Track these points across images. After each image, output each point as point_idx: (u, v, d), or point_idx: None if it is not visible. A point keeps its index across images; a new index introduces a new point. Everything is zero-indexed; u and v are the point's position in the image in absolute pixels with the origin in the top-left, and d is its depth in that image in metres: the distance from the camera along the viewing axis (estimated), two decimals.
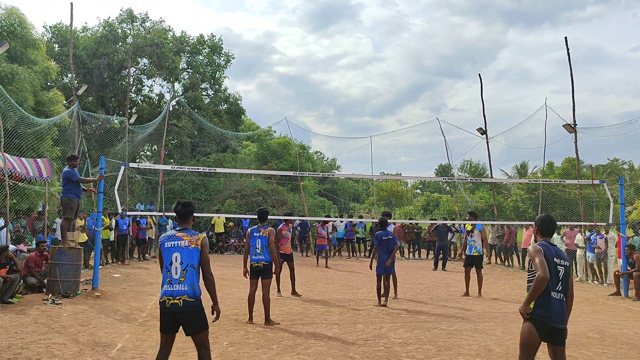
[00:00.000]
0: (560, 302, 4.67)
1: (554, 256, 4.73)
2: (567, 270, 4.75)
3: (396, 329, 8.47)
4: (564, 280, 4.72)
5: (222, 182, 28.82)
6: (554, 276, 4.66)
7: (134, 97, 34.26)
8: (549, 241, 4.88)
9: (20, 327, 7.85)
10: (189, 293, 4.77)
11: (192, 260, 4.83)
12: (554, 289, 4.64)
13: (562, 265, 4.74)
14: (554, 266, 4.69)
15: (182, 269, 4.80)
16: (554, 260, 4.70)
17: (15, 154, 13.90)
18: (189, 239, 4.90)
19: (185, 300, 4.75)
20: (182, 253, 4.84)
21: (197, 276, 4.85)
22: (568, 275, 4.75)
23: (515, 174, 41.38)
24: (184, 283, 4.78)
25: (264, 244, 8.77)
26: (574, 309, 10.75)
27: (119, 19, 33.23)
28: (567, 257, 4.86)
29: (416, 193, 52.00)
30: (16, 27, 17.89)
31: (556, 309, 4.62)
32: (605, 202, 19.02)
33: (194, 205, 5.21)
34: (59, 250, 10.92)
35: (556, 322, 4.63)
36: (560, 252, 4.82)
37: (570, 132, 18.37)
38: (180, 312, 4.76)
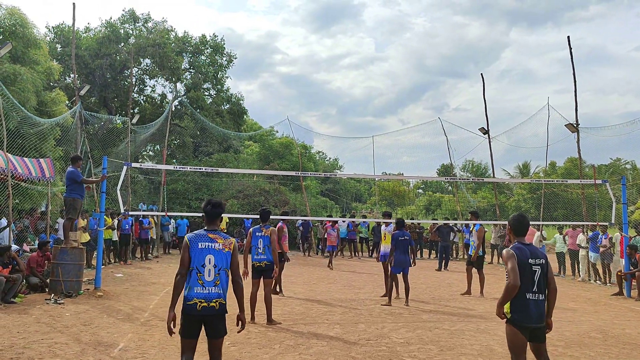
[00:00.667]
0: (537, 302, 4.65)
1: (529, 257, 4.69)
2: (543, 268, 4.71)
3: (398, 329, 8.47)
4: (541, 279, 4.68)
5: (225, 182, 28.86)
6: (529, 278, 4.64)
7: (137, 97, 34.29)
8: (523, 241, 4.83)
9: (22, 327, 7.86)
10: (223, 297, 4.74)
11: (225, 264, 4.75)
12: (529, 291, 4.64)
13: (538, 264, 4.69)
14: (529, 268, 4.65)
15: (216, 272, 4.71)
16: (528, 262, 4.66)
17: (18, 154, 13.93)
18: (223, 242, 4.78)
19: (220, 304, 4.72)
20: (216, 256, 4.73)
21: (228, 280, 4.80)
22: (546, 273, 4.72)
23: (518, 174, 41.39)
24: (219, 286, 4.72)
25: (266, 244, 8.76)
26: (577, 309, 10.78)
27: (121, 19, 33.28)
28: (543, 254, 4.82)
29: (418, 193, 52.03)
30: (17, 27, 17.91)
31: (533, 310, 4.62)
32: (607, 202, 18.99)
33: (224, 205, 5.05)
34: (62, 250, 10.95)
35: (535, 322, 4.64)
36: (535, 250, 4.78)
37: (573, 132, 18.36)
38: (211, 315, 4.71)
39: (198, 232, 4.85)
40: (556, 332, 8.38)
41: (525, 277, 4.62)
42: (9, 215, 12.31)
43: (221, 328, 4.81)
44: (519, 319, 4.63)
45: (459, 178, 30.32)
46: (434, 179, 47.34)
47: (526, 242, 4.84)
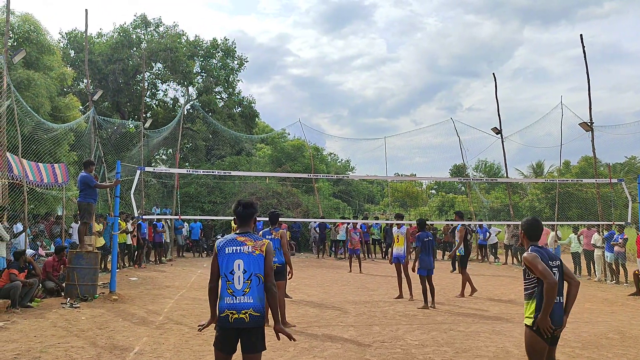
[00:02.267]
0: (559, 305, 4.53)
1: (548, 259, 4.58)
2: (560, 270, 4.63)
3: (413, 331, 8.43)
4: (560, 281, 4.58)
5: (237, 185, 28.94)
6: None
7: (149, 101, 34.54)
8: (537, 245, 4.72)
9: (39, 331, 7.93)
10: (255, 306, 4.15)
11: (257, 268, 4.22)
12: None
13: (556, 266, 4.61)
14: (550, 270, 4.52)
15: (246, 278, 4.19)
16: (549, 264, 4.54)
17: (33, 159, 14.07)
18: (253, 245, 4.27)
19: (251, 315, 4.14)
20: (246, 260, 4.22)
21: (262, 286, 4.23)
22: (563, 275, 4.63)
23: (531, 173, 41.07)
24: (249, 295, 4.16)
25: (277, 246, 8.71)
26: (593, 309, 10.68)
27: (133, 25, 33.55)
28: (558, 256, 4.76)
29: (431, 194, 51.83)
30: (31, 33, 18.10)
31: (556, 313, 4.49)
32: (623, 201, 18.77)
33: (256, 206, 4.58)
34: (77, 255, 11.03)
35: (557, 325, 4.50)
36: (550, 253, 4.69)
37: (587, 131, 18.19)
38: (245, 329, 4.15)
39: (228, 236, 4.41)
40: (573, 333, 8.30)
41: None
42: (25, 220, 12.43)
43: (256, 342, 4.21)
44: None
45: (472, 178, 30.14)
46: (446, 179, 47.15)
47: (540, 245, 4.74)
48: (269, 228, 9.03)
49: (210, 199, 28.10)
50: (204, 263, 19.84)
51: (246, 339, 4.18)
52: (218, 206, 27.49)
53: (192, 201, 27.55)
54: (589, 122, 18.02)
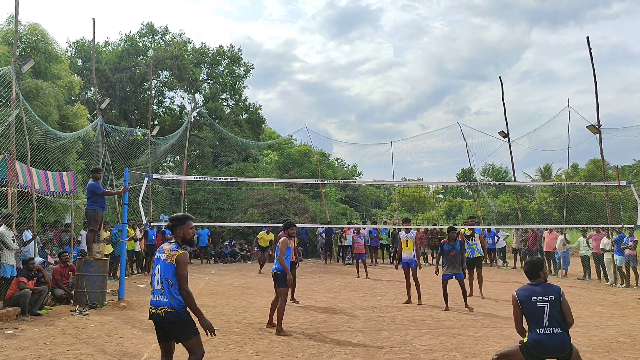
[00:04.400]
0: (552, 336, 4.87)
1: (532, 295, 5.01)
2: (553, 303, 4.95)
3: (421, 336, 8.40)
4: (553, 313, 4.92)
5: (244, 191, 28.98)
6: (536, 315, 4.95)
7: (156, 109, 34.69)
8: (531, 283, 5.17)
9: (48, 338, 7.97)
10: (168, 304, 4.86)
11: (167, 274, 4.93)
12: (540, 327, 4.91)
13: (545, 301, 4.96)
14: (534, 305, 4.97)
15: (161, 281, 4.94)
16: (531, 300, 4.99)
17: (41, 167, 14.16)
18: (168, 254, 5.02)
19: (166, 311, 4.86)
20: (162, 266, 4.98)
21: (175, 288, 4.91)
22: (558, 306, 4.96)
23: (539, 177, 40.90)
24: (164, 295, 4.90)
25: (276, 254, 8.90)
26: (603, 313, 10.62)
27: (140, 33, 33.75)
28: (555, 290, 5.05)
29: (438, 198, 51.71)
30: (39, 42, 18.25)
31: (548, 344, 4.85)
32: (632, 204, 18.66)
33: (179, 218, 5.33)
34: (86, 262, 11.08)
35: (551, 354, 4.89)
36: (545, 288, 5.05)
37: (595, 133, 18.11)
38: (162, 322, 4.92)
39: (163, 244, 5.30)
40: (583, 337, 8.25)
41: (533, 313, 4.96)
42: (34, 228, 12.50)
43: (180, 333, 4.96)
44: (533, 349, 4.91)
45: (479, 183, 30.04)
46: (454, 184, 47.06)
47: (538, 281, 5.15)
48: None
49: (218, 205, 28.15)
50: (211, 269, 19.87)
51: (171, 331, 4.98)
52: (225, 213, 27.53)
53: (200, 208, 27.61)
54: (597, 124, 17.95)
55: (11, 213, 11.06)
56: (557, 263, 18.55)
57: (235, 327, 8.97)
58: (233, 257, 23.80)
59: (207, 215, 27.19)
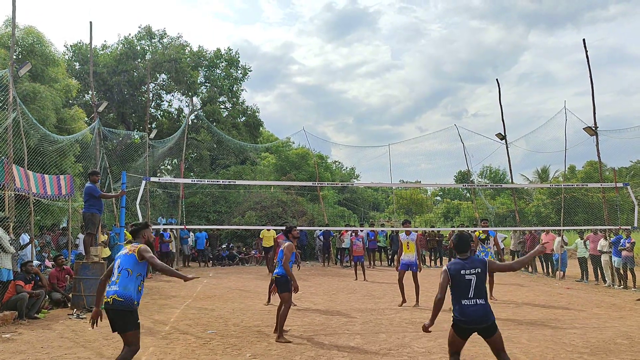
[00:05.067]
0: (476, 306, 5.25)
1: (462, 268, 5.36)
2: (479, 276, 5.34)
3: (419, 338, 8.39)
4: (478, 285, 5.31)
5: (242, 194, 28.96)
6: (463, 287, 5.31)
7: (154, 112, 34.68)
8: (461, 257, 5.50)
9: (46, 342, 7.95)
10: (119, 293, 5.29)
11: (127, 264, 5.44)
12: (465, 298, 5.29)
13: (472, 274, 5.33)
14: (462, 277, 5.33)
15: (118, 272, 5.43)
16: (461, 273, 5.34)
17: (39, 171, 14.13)
18: (130, 248, 5.61)
19: (114, 299, 5.27)
20: (121, 259, 5.51)
21: (130, 279, 5.39)
22: (483, 279, 5.36)
23: (537, 179, 40.96)
24: (117, 284, 5.35)
25: (279, 258, 8.72)
26: (601, 315, 10.62)
27: (137, 36, 33.76)
28: (480, 263, 5.43)
29: (436, 200, 51.74)
30: (35, 45, 18.23)
31: (471, 314, 5.24)
32: (629, 205, 18.69)
33: (141, 224, 5.93)
34: (83, 265, 11.06)
35: (476, 324, 5.24)
36: (472, 262, 5.42)
37: (591, 135, 18.15)
38: (110, 310, 5.31)
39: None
40: (581, 339, 8.26)
41: (460, 285, 5.32)
42: (31, 231, 12.47)
43: (121, 323, 5.34)
44: (461, 320, 5.28)
45: (477, 185, 30.07)
46: (451, 186, 47.06)
47: (466, 256, 5.50)
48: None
49: (216, 208, 28.13)
50: (209, 272, 19.85)
51: (113, 319, 5.35)
52: (223, 216, 27.50)
53: (198, 211, 27.58)
54: (594, 126, 17.99)
55: (8, 216, 11.04)
56: (555, 265, 18.57)
57: (233, 330, 8.96)
58: (231, 260, 23.79)
59: (204, 219, 27.17)
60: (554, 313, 10.90)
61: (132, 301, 5.31)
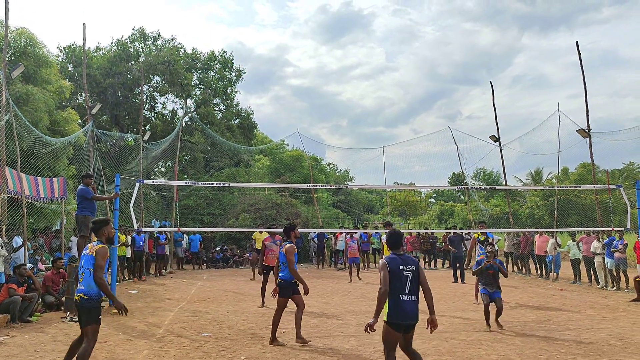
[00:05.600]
0: (411, 302, 5.40)
1: (400, 264, 5.44)
2: (414, 273, 5.45)
3: (414, 340, 8.37)
4: (413, 282, 5.43)
5: (236, 196, 28.93)
6: (401, 282, 5.39)
7: (148, 114, 34.60)
8: (396, 253, 5.60)
9: (39, 346, 7.90)
10: (84, 291, 5.81)
11: (88, 264, 5.89)
12: (402, 293, 5.38)
13: (409, 270, 5.44)
14: (400, 273, 5.40)
15: (82, 272, 5.92)
16: (399, 268, 5.42)
17: (32, 173, 14.07)
18: (91, 248, 5.96)
19: (82, 298, 5.80)
20: (84, 260, 5.95)
21: (92, 277, 5.83)
22: (417, 277, 5.46)
23: (530, 181, 41.10)
24: (82, 283, 5.87)
25: (283, 261, 8.35)
26: (595, 316, 10.64)
27: (131, 38, 33.71)
28: (415, 262, 5.56)
29: (430, 202, 51.81)
30: (27, 47, 18.15)
31: (406, 309, 5.37)
32: (622, 207, 18.79)
33: (102, 221, 6.20)
34: (76, 268, 10.99)
35: (409, 319, 5.41)
36: (407, 259, 5.53)
37: (585, 137, 18.24)
38: (78, 306, 5.85)
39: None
40: (575, 340, 8.29)
41: (398, 280, 5.37)
42: (24, 234, 12.41)
43: (85, 318, 5.81)
44: (395, 317, 5.37)
45: (471, 187, 30.16)
46: (445, 188, 47.18)
47: (400, 252, 5.63)
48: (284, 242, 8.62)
49: (210, 210, 28.08)
50: (203, 275, 19.80)
51: (80, 315, 5.87)
52: (217, 218, 27.45)
53: (192, 213, 27.53)
54: (587, 128, 18.08)
55: (1, 219, 10.98)
56: (549, 266, 18.63)
57: (228, 333, 8.93)
58: (225, 263, 23.74)
59: (199, 221, 27.12)
60: (548, 314, 10.93)
61: (96, 297, 5.82)
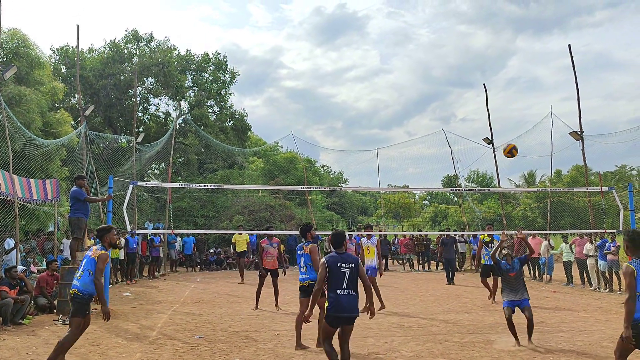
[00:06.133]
0: (349, 297, 5.84)
1: (338, 262, 5.93)
2: (352, 270, 5.92)
3: (407, 342, 8.40)
4: (351, 278, 5.89)
5: (230, 199, 28.88)
6: (339, 278, 5.87)
7: (141, 116, 34.49)
8: (338, 251, 6.10)
9: (31, 349, 7.85)
10: (79, 289, 6.58)
11: (89, 266, 6.66)
12: (339, 288, 5.84)
13: (347, 267, 5.91)
14: (338, 270, 5.89)
15: (81, 271, 6.69)
16: (337, 265, 5.90)
17: (24, 175, 13.99)
18: (94, 252, 6.74)
19: (75, 293, 6.57)
20: (86, 260, 6.73)
21: (91, 278, 6.59)
22: (356, 273, 5.94)
23: (523, 183, 41.26)
24: (79, 281, 6.63)
25: (307, 262, 8.21)
26: (588, 318, 10.70)
27: (124, 40, 33.57)
28: (354, 260, 6.04)
29: (424, 205, 51.93)
30: (20, 48, 18.06)
31: (344, 303, 5.80)
32: (615, 209, 18.89)
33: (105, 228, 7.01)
34: (69, 271, 10.93)
35: (347, 312, 5.81)
36: (346, 257, 6.01)
37: (577, 140, 18.34)
38: (70, 299, 6.73)
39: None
40: (567, 342, 8.32)
41: (336, 276, 5.85)
42: (16, 236, 12.33)
43: (71, 309, 6.64)
44: (333, 310, 5.79)
45: (465, 189, 30.22)
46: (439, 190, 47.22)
47: (342, 251, 6.12)
48: (301, 243, 8.56)
49: (203, 213, 28.01)
50: (197, 277, 19.74)
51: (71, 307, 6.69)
52: (211, 220, 27.38)
53: (185, 215, 27.45)
54: (579, 131, 18.17)
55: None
56: (542, 268, 18.69)
57: (221, 335, 8.91)
58: (219, 265, 23.67)
59: (192, 223, 27.04)
60: (541, 317, 10.96)
61: (87, 295, 6.58)
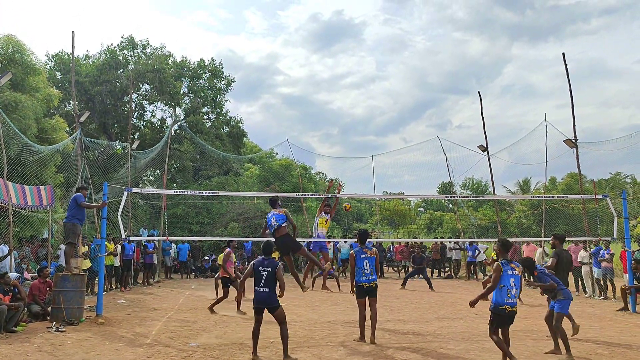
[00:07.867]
0: (263, 293, 7.50)
1: (260, 266, 7.60)
2: (270, 273, 7.51)
3: (402, 350, 8.39)
4: (267, 279, 7.48)
5: (225, 205, 28.84)
6: (259, 278, 7.52)
7: (136, 122, 34.47)
8: (265, 258, 7.69)
9: (24, 356, 7.80)
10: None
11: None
12: (258, 285, 7.53)
13: (266, 270, 7.53)
14: (259, 272, 7.54)
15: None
16: (259, 269, 7.57)
17: (19, 181, 13.95)
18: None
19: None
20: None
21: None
22: (272, 275, 7.49)
23: (518, 190, 41.36)
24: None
25: (373, 264, 9.02)
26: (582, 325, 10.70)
27: (120, 46, 33.60)
28: (274, 265, 7.57)
29: (419, 212, 51.96)
30: (15, 54, 18.05)
31: (259, 297, 7.53)
32: (609, 217, 18.94)
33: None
34: (63, 277, 10.90)
35: (260, 304, 7.52)
36: (268, 263, 7.60)
37: (571, 147, 18.44)
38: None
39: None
40: (562, 348, 8.31)
41: (257, 277, 7.53)
42: (10, 243, 12.28)
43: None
44: (254, 302, 7.57)
45: (460, 196, 30.28)
46: (434, 197, 47.32)
47: (269, 257, 7.72)
48: (360, 248, 9.31)
49: (198, 219, 27.96)
50: (192, 284, 19.68)
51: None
52: (206, 227, 27.33)
53: (180, 222, 27.40)
54: (574, 138, 18.27)
55: None
56: None
57: (216, 343, 8.88)
58: (214, 272, 23.58)
59: (187, 230, 26.99)
60: (536, 324, 10.98)
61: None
